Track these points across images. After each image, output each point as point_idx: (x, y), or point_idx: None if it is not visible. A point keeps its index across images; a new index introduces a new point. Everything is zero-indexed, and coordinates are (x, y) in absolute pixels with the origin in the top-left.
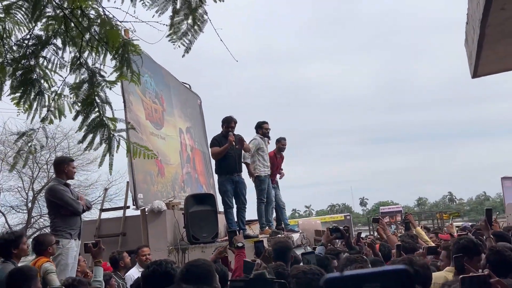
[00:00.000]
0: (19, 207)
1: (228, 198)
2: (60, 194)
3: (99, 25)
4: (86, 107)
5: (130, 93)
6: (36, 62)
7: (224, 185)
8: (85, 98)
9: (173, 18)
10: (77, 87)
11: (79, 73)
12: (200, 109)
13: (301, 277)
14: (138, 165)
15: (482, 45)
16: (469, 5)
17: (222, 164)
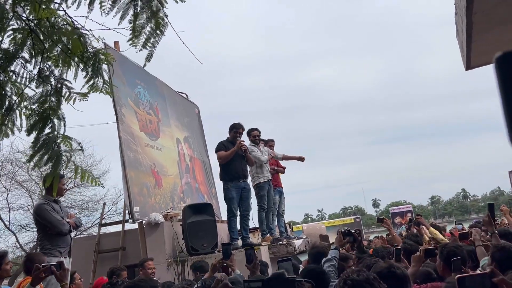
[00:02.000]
0: (29, 225)
1: (234, 206)
2: (45, 214)
3: (66, 35)
4: (41, 122)
5: (122, 106)
6: (5, 76)
7: (230, 192)
8: (41, 113)
9: (135, 22)
10: (38, 101)
11: (45, 85)
12: (198, 118)
13: None
14: (133, 177)
15: (472, 35)
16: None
17: (228, 170)
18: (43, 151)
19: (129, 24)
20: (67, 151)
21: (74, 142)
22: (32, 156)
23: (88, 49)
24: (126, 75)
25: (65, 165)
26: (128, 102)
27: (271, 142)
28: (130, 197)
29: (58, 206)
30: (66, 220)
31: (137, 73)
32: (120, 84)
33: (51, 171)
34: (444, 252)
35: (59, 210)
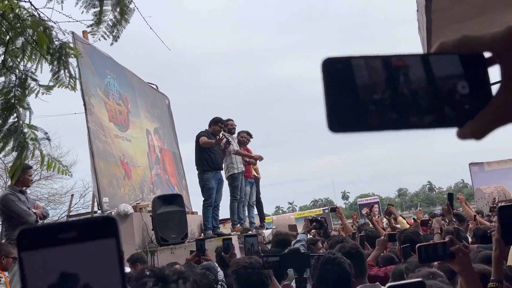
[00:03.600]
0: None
1: (213, 195)
2: (10, 204)
3: (31, 27)
4: (5, 112)
5: (91, 96)
6: None
7: (210, 181)
8: (5, 102)
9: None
10: (1, 91)
11: (8, 76)
12: (168, 109)
13: (242, 272)
14: (102, 168)
15: (431, 31)
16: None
17: (209, 160)
18: (7, 140)
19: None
20: (33, 140)
21: (40, 131)
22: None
23: (54, 41)
24: (95, 65)
25: (32, 154)
26: (97, 92)
27: (242, 134)
28: (99, 188)
29: (25, 196)
30: (32, 211)
31: (106, 63)
32: (89, 74)
33: (16, 160)
34: (402, 238)
35: (26, 201)
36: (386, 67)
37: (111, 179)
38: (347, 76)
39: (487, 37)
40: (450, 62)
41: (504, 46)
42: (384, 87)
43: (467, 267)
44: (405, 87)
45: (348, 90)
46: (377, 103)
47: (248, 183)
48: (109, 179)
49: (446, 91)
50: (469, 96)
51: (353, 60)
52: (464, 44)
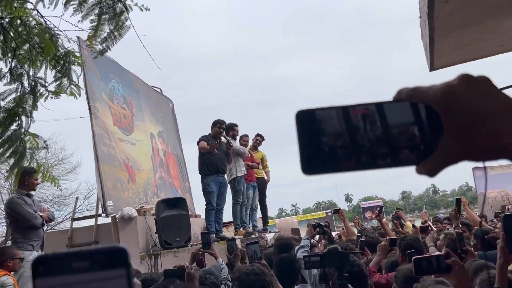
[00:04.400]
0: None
1: (213, 199)
2: (17, 208)
3: (38, 35)
4: (8, 119)
5: (96, 100)
6: None
7: (210, 185)
8: (10, 109)
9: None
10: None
11: (19, 83)
12: (172, 113)
13: (244, 279)
14: (107, 172)
15: (434, 38)
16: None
17: (208, 164)
18: (7, 146)
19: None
20: (31, 149)
21: (40, 140)
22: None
23: (60, 49)
24: (100, 70)
25: (28, 162)
26: (102, 96)
27: (244, 137)
28: (103, 191)
29: (31, 199)
30: (39, 214)
31: (111, 67)
32: (94, 79)
33: (13, 166)
34: (403, 245)
35: (32, 204)
36: (349, 115)
37: (115, 182)
38: (316, 126)
39: (431, 92)
40: (406, 109)
41: (441, 103)
42: (348, 133)
43: (464, 280)
44: (367, 132)
45: (317, 138)
46: (342, 148)
47: (251, 186)
48: (114, 182)
49: (404, 135)
50: (422, 139)
51: (320, 111)
52: (415, 95)
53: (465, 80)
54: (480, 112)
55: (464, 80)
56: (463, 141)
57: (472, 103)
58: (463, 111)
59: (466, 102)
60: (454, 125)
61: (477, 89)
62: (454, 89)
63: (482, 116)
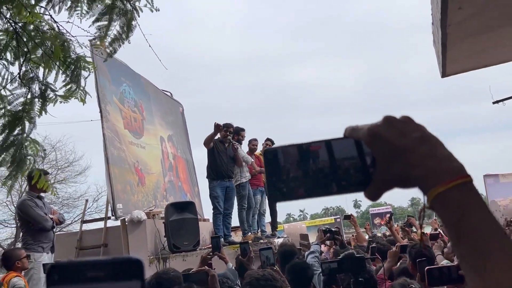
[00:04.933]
0: (7, 221)
1: (219, 204)
2: (28, 210)
3: (50, 40)
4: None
5: (107, 103)
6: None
7: (215, 190)
8: (14, 114)
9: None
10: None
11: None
12: (182, 116)
13: (254, 284)
14: (117, 175)
15: (446, 45)
16: (432, 6)
17: (214, 169)
18: (9, 152)
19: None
20: (31, 155)
21: (40, 148)
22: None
23: (71, 54)
24: (111, 73)
25: (28, 168)
26: (113, 99)
27: (253, 142)
28: (113, 194)
29: (42, 202)
30: (49, 216)
31: (122, 70)
32: (105, 82)
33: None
34: (413, 253)
35: (43, 206)
36: (305, 151)
37: (125, 185)
38: (278, 161)
39: (361, 132)
40: (350, 145)
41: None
42: (303, 166)
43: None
44: (319, 165)
45: (279, 172)
46: (299, 180)
47: (259, 191)
48: (123, 185)
49: (349, 166)
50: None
51: (282, 148)
52: (353, 133)
53: (387, 121)
54: (397, 149)
55: (387, 121)
56: (388, 172)
57: (391, 141)
58: (385, 147)
59: (387, 140)
60: (380, 159)
61: (397, 129)
62: (378, 129)
63: (399, 152)
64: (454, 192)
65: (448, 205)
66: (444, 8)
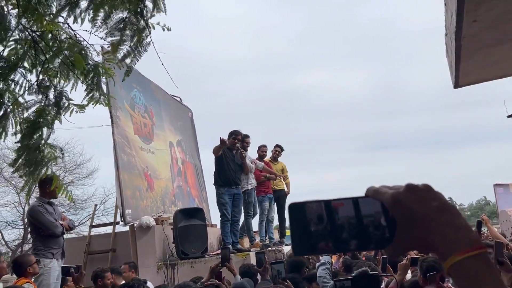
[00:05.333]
0: (15, 222)
1: (227, 211)
2: (38, 216)
3: (68, 49)
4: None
5: (118, 109)
6: (5, 85)
7: (222, 197)
8: (33, 120)
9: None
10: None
11: (43, 96)
12: (191, 122)
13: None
14: (126, 180)
15: (460, 56)
16: (446, 17)
17: (222, 176)
18: (26, 155)
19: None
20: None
21: (58, 149)
22: (15, 160)
23: (89, 62)
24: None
25: (45, 172)
26: (124, 105)
27: (262, 148)
28: (122, 199)
29: (52, 208)
30: (59, 222)
31: (133, 76)
32: (116, 88)
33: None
34: (424, 266)
35: (53, 212)
36: (330, 208)
37: (134, 191)
38: (303, 216)
39: (385, 196)
40: (372, 205)
41: (391, 206)
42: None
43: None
44: (343, 221)
45: (304, 225)
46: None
47: (267, 198)
48: (133, 191)
49: (370, 224)
50: (383, 229)
51: (308, 204)
52: (376, 194)
53: (409, 189)
54: (418, 216)
55: (408, 189)
56: (408, 236)
57: (411, 208)
58: (407, 214)
59: (408, 207)
60: (401, 223)
61: (418, 197)
62: (400, 196)
63: (420, 219)
64: (471, 262)
65: (465, 273)
66: (459, 20)
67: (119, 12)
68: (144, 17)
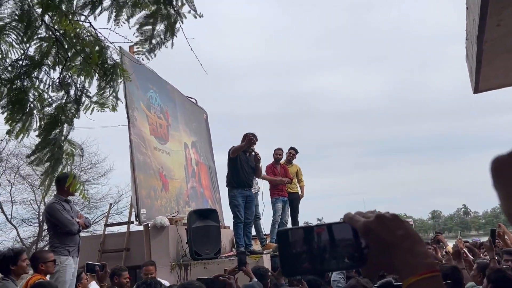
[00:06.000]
0: (31, 220)
1: (240, 212)
2: (56, 213)
3: (89, 46)
4: (50, 125)
5: (135, 109)
6: (29, 82)
7: (236, 198)
8: (54, 116)
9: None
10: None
11: (64, 92)
12: (206, 123)
13: None
14: (142, 180)
15: (481, 61)
16: (467, 21)
17: (235, 177)
18: (46, 151)
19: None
20: (68, 155)
21: (77, 147)
22: (33, 152)
23: (109, 61)
24: (139, 79)
25: (63, 168)
26: (140, 105)
27: (277, 151)
28: (137, 199)
29: (69, 206)
30: (76, 220)
31: (150, 77)
32: (133, 88)
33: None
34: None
35: (70, 210)
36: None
37: (149, 191)
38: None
39: (359, 224)
40: (348, 230)
41: (363, 233)
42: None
43: None
44: (324, 245)
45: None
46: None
47: (281, 201)
48: (147, 191)
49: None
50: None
51: (292, 230)
52: (351, 221)
53: (378, 218)
54: (384, 242)
55: (377, 218)
56: (378, 259)
57: (380, 236)
58: (375, 240)
59: (377, 234)
60: (372, 247)
61: (385, 225)
62: (370, 224)
63: (385, 245)
64: (425, 282)
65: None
66: (482, 25)
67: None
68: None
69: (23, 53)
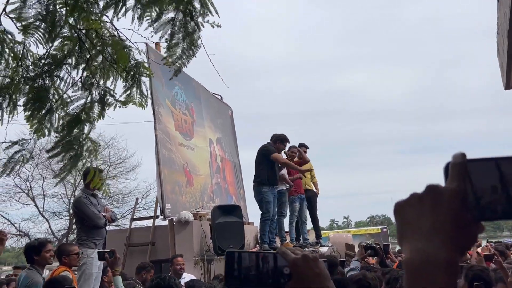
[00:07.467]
0: (62, 213)
1: (271, 209)
2: (83, 207)
3: (112, 46)
4: (72, 123)
5: (160, 105)
6: (50, 81)
7: (268, 195)
8: (76, 115)
9: (171, 40)
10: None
11: (89, 92)
12: (231, 120)
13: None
14: (167, 175)
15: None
16: (498, 15)
17: (270, 175)
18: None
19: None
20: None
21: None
22: (53, 147)
23: (131, 60)
24: (165, 76)
25: (84, 165)
26: (165, 102)
27: (293, 149)
28: (162, 194)
29: (96, 199)
30: (102, 214)
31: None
32: (159, 85)
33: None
34: (470, 275)
35: (96, 204)
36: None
37: (174, 186)
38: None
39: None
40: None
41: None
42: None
43: None
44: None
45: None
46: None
47: (298, 198)
48: (172, 186)
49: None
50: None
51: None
52: (283, 255)
53: (303, 257)
54: (304, 276)
55: (303, 257)
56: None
57: (304, 272)
58: (298, 273)
59: (300, 269)
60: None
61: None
62: (297, 261)
63: (305, 279)
64: None
65: None
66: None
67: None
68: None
69: (46, 52)
